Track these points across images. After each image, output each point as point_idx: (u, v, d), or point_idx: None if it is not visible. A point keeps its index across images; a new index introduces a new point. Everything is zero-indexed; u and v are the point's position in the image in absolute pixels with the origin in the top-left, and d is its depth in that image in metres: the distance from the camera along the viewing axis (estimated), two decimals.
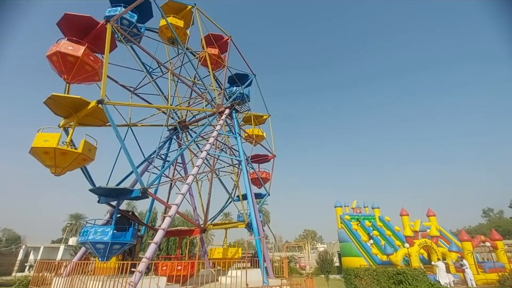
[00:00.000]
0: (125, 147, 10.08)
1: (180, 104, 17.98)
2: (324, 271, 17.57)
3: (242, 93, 17.84)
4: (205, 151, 12.64)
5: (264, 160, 20.86)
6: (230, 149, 17.92)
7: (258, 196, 20.34)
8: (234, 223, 16.81)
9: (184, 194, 10.70)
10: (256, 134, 19.76)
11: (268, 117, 21.06)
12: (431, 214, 25.46)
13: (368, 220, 27.96)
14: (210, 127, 17.11)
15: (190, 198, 17.50)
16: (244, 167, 14.08)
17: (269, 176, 19.43)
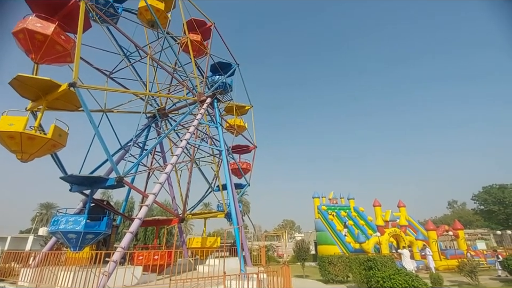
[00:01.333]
0: (99, 134, 9.66)
1: (160, 91, 17.40)
2: (300, 259, 18.17)
3: (225, 82, 17.57)
4: (184, 140, 12.42)
5: (245, 151, 20.88)
6: (211, 139, 17.73)
7: (239, 186, 20.45)
8: (213, 213, 16.86)
9: (163, 183, 10.51)
10: (237, 124, 19.66)
11: (250, 108, 20.98)
12: (402, 205, 26.98)
13: (344, 210, 29.16)
14: (191, 116, 16.79)
15: (168, 188, 17.22)
16: (225, 157, 14.02)
17: (249, 167, 19.52)
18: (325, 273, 14.38)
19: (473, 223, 61.95)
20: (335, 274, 14.10)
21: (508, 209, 50.24)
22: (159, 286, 9.01)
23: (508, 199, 50.37)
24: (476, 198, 57.05)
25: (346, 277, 14.17)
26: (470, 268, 13.16)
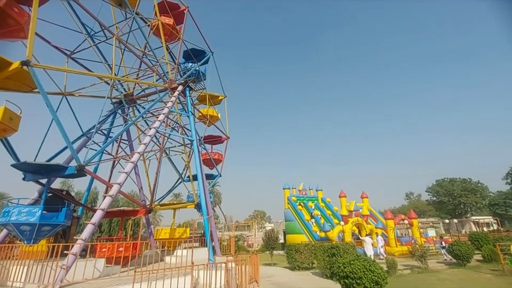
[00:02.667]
0: (57, 118, 8.91)
1: (127, 76, 16.40)
2: (268, 248, 18.68)
3: (198, 70, 17.02)
4: (153, 128, 11.93)
5: (218, 141, 20.64)
6: (182, 128, 17.21)
7: (210, 177, 20.26)
8: (183, 204, 16.55)
9: (128, 173, 10.05)
10: (210, 114, 19.28)
11: (224, 98, 20.66)
12: (364, 196, 28.73)
13: (312, 201, 30.36)
14: (161, 103, 16.11)
15: (135, 178, 16.52)
16: (196, 147, 13.74)
17: (221, 158, 19.37)
18: (291, 260, 14.98)
19: (426, 213, 68.07)
20: (301, 262, 14.75)
21: (455, 200, 55.85)
22: (123, 278, 8.75)
23: (456, 191, 55.91)
24: (429, 190, 62.58)
25: (311, 263, 14.90)
26: (421, 253, 14.50)
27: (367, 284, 6.98)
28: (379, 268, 7.38)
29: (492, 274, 12.02)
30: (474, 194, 55.46)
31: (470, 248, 15.14)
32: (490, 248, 15.13)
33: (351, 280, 7.20)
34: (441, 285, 10.25)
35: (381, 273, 7.21)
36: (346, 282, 7.34)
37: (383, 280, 7.19)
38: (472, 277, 11.79)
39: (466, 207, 56.07)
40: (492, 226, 49.10)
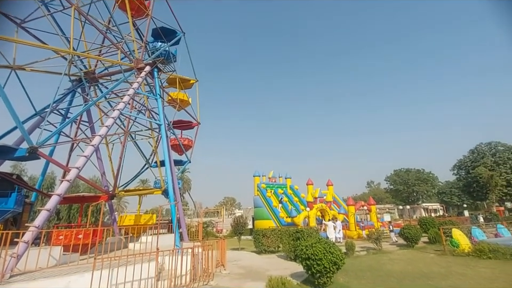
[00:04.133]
0: (3, 94, 8.00)
1: (88, 52, 15.10)
2: (237, 233, 19.02)
3: (168, 51, 16.17)
4: (117, 110, 11.25)
5: (188, 126, 20.13)
6: (149, 111, 16.46)
7: (179, 163, 19.83)
8: (149, 190, 16.09)
9: (88, 156, 9.45)
10: (180, 98, 18.64)
11: (195, 82, 20.03)
12: (330, 184, 30.18)
13: (281, 188, 31.22)
14: (126, 84, 15.20)
15: (97, 162, 15.60)
16: (164, 132, 13.26)
17: (191, 144, 18.98)
18: (258, 245, 15.45)
19: (384, 200, 73.56)
20: (268, 246, 15.28)
21: (409, 188, 61.07)
22: (82, 266, 8.38)
23: (410, 181, 61.07)
24: (388, 179, 67.60)
25: (277, 247, 15.50)
26: (376, 236, 15.77)
27: (326, 264, 7.46)
28: (338, 250, 7.90)
29: (435, 254, 13.51)
30: (426, 183, 61.11)
31: (418, 231, 16.81)
32: (435, 231, 16.90)
33: (312, 261, 7.63)
34: (391, 264, 11.33)
35: (339, 255, 7.75)
36: (307, 263, 7.77)
37: (340, 261, 7.73)
38: (418, 256, 13.16)
39: (418, 194, 61.70)
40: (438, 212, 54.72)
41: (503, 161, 39.71)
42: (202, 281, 8.93)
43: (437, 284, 7.96)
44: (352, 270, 10.20)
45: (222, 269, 10.90)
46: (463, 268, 10.02)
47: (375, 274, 9.47)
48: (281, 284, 5.60)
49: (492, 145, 44.04)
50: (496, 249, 11.57)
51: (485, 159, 41.41)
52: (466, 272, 9.24)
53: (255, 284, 8.41)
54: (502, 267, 9.80)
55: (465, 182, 42.70)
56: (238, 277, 9.84)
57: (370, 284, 8.20)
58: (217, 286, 8.61)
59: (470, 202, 48.57)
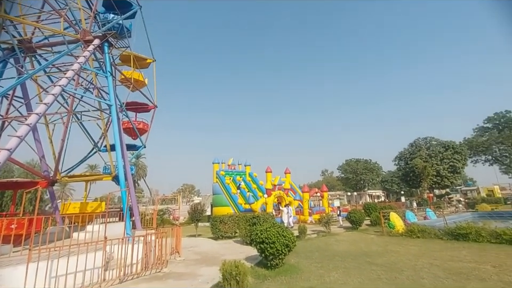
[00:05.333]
0: None
1: (23, 17, 13.01)
2: (194, 220, 18.83)
3: (121, 25, 14.68)
4: (59, 86, 9.99)
5: (143, 109, 18.86)
6: (98, 90, 14.97)
7: (133, 148, 18.64)
8: (97, 176, 14.88)
9: (23, 137, 8.31)
10: (135, 78, 17.28)
11: (153, 62, 18.71)
12: (287, 172, 31.38)
13: (240, 175, 31.53)
14: (71, 57, 13.57)
15: (35, 144, 13.82)
16: (115, 114, 12.20)
17: (147, 128, 17.88)
18: (215, 231, 15.53)
19: (335, 187, 79.26)
20: (225, 231, 15.45)
21: (358, 177, 66.56)
22: (15, 258, 7.53)
23: (359, 170, 66.51)
24: (340, 168, 72.67)
25: (234, 233, 15.77)
26: (326, 220, 17.00)
27: (279, 247, 7.84)
28: (290, 233, 8.35)
29: (375, 235, 15.10)
30: (372, 172, 67.21)
31: (362, 215, 18.57)
32: (377, 215, 18.83)
33: (266, 244, 7.94)
34: (337, 245, 12.39)
35: (291, 238, 8.20)
36: (261, 246, 8.07)
37: (292, 243, 8.20)
38: (361, 237, 14.58)
39: (365, 182, 67.68)
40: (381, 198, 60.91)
41: (435, 154, 45.40)
42: (155, 269, 8.72)
43: (374, 260, 8.94)
44: (302, 251, 10.90)
45: (177, 256, 10.76)
46: (397, 246, 11.38)
47: (323, 254, 10.26)
48: (235, 267, 5.73)
49: (427, 140, 49.91)
50: (423, 230, 13.35)
51: (421, 151, 46.85)
52: (399, 250, 10.52)
53: (210, 269, 8.50)
54: (428, 245, 11.37)
55: (404, 172, 47.94)
56: (193, 262, 9.81)
57: (318, 263, 8.86)
58: (170, 272, 8.49)
59: (406, 189, 54.92)
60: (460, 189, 56.45)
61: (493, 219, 16.28)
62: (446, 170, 43.80)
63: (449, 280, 6.48)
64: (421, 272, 7.26)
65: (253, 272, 7.88)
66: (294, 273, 7.70)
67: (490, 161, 49.74)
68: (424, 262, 8.40)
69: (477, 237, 11.28)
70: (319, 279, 7.13)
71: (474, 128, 53.50)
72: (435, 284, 6.30)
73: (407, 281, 6.57)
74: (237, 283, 5.64)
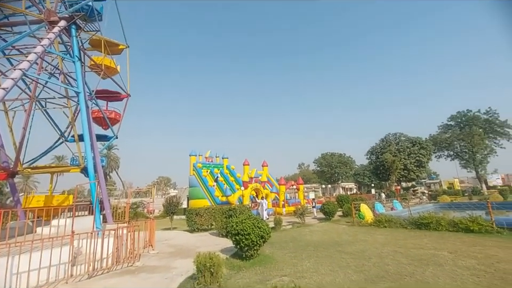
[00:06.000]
0: None
1: None
2: (169, 213, 18.50)
3: (91, 6, 13.70)
4: (19, 70, 9.19)
5: (115, 98, 17.96)
6: (65, 76, 13.98)
7: (103, 138, 17.78)
8: (63, 167, 14.04)
9: None
10: (106, 64, 16.34)
11: (126, 48, 17.78)
12: (265, 165, 31.67)
13: (217, 168, 31.35)
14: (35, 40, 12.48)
15: None
16: (83, 102, 11.48)
17: (119, 117, 17.10)
18: (191, 223, 15.39)
19: (311, 180, 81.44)
20: (201, 224, 15.36)
21: (332, 170, 68.94)
22: None
23: (334, 163, 68.87)
24: (316, 161, 74.74)
25: (210, 225, 15.72)
26: (301, 211, 17.49)
27: (254, 238, 7.96)
28: (265, 225, 8.50)
29: (346, 225, 15.82)
30: (346, 166, 69.95)
31: (335, 206, 19.34)
32: (348, 206, 19.69)
33: (241, 236, 8.03)
34: (311, 235, 12.84)
35: (266, 229, 8.35)
36: (237, 238, 8.14)
37: (267, 235, 8.36)
38: (333, 227, 15.21)
39: (339, 175, 70.34)
40: (353, 190, 63.72)
41: (403, 149, 48.16)
42: (127, 263, 8.49)
43: (344, 249, 9.39)
44: (277, 242, 11.16)
45: (151, 249, 10.55)
46: (366, 235, 12.03)
47: (296, 245, 10.59)
48: (209, 258, 5.73)
49: (396, 136, 52.74)
50: (390, 220, 14.20)
51: (390, 147, 49.44)
52: (367, 239, 11.13)
53: (184, 261, 8.44)
54: (393, 234, 12.13)
55: (375, 166, 50.39)
56: (167, 255, 9.68)
57: (292, 253, 9.14)
58: (143, 266, 8.32)
59: (377, 182, 57.84)
60: (424, 182, 60.61)
61: (451, 209, 17.72)
62: (413, 164, 46.68)
63: (411, 266, 6.97)
64: (386, 259, 7.75)
65: (228, 263, 7.95)
66: (268, 263, 7.88)
67: (451, 156, 53.70)
68: (390, 249, 8.97)
69: (437, 226, 12.20)
70: (292, 268, 7.36)
71: (439, 125, 57.35)
72: (398, 269, 6.75)
73: (374, 268, 6.98)
74: (211, 274, 5.66)
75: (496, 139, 50.74)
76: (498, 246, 8.59)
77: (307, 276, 6.58)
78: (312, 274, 6.65)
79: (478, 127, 49.01)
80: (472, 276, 5.97)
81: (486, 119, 51.11)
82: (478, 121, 50.88)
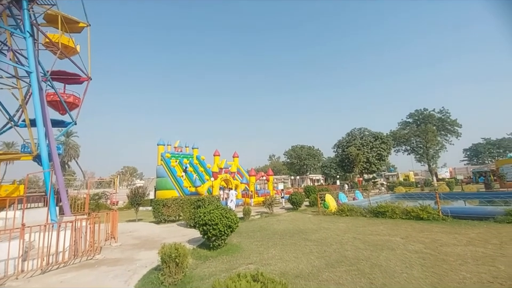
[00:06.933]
0: None
1: None
2: (134, 204, 17.82)
3: None
4: None
5: (74, 80, 16.59)
6: (14, 53, 12.52)
7: (61, 124, 16.46)
8: (12, 154, 12.75)
9: None
10: (64, 43, 14.99)
11: (87, 27, 16.39)
12: (236, 156, 31.71)
13: (187, 158, 30.70)
14: None
15: None
16: (35, 83, 10.39)
17: (78, 102, 15.88)
18: (158, 214, 14.99)
19: (281, 171, 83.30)
20: (168, 215, 15.03)
21: (301, 162, 71.16)
22: None
23: (303, 155, 71.06)
24: (286, 153, 76.51)
25: (178, 216, 15.46)
26: (269, 201, 17.89)
27: (221, 228, 8.00)
28: (233, 215, 8.57)
29: (311, 214, 16.53)
30: (314, 158, 72.56)
31: (302, 197, 20.08)
32: (314, 197, 20.58)
33: (209, 226, 8.02)
34: (278, 224, 13.23)
35: (234, 219, 8.43)
36: (204, 228, 8.12)
37: (234, 224, 8.45)
38: (299, 217, 15.82)
39: (308, 167, 72.84)
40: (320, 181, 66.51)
41: (366, 143, 51.09)
42: (86, 256, 8.07)
43: (308, 237, 9.83)
44: (245, 232, 11.34)
45: (113, 242, 10.12)
46: (329, 223, 12.69)
47: (263, 234, 10.86)
48: (175, 249, 5.65)
49: (361, 130, 55.66)
50: (351, 209, 15.12)
51: (355, 141, 52.11)
52: (330, 227, 11.76)
53: (149, 253, 8.24)
54: (354, 222, 12.94)
55: (341, 158, 52.89)
56: (130, 247, 9.37)
57: (258, 242, 9.36)
58: (104, 259, 7.97)
59: (342, 174, 60.94)
60: (384, 174, 65.27)
61: (406, 199, 19.34)
62: (374, 157, 49.80)
63: (367, 251, 7.53)
64: (346, 246, 8.27)
65: (195, 254, 7.93)
66: (235, 252, 7.99)
67: (408, 151, 58.19)
68: (349, 236, 9.58)
69: (392, 214, 13.25)
70: (258, 256, 7.55)
71: (399, 122, 61.63)
72: (356, 254, 7.26)
73: (334, 254, 7.43)
74: (177, 265, 5.60)
75: (447, 136, 56.00)
76: (442, 232, 9.60)
77: (272, 263, 6.81)
78: (277, 262, 6.89)
79: (432, 125, 53.56)
80: (419, 259, 6.61)
81: (439, 117, 56.00)
82: (432, 119, 55.57)
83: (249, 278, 3.12)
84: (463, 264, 6.05)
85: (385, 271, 5.80)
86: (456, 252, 6.98)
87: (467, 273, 5.44)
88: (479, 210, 12.77)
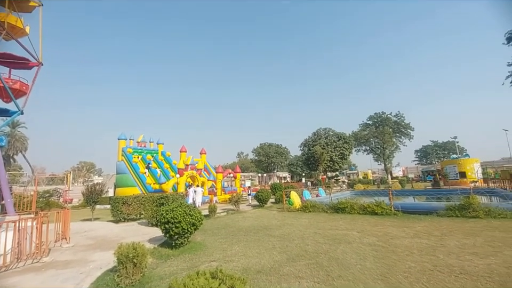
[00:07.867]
0: None
1: None
2: (90, 202, 16.63)
3: None
4: None
5: (22, 65, 14.82)
6: None
7: (4, 113, 14.68)
8: None
9: None
10: (11, 23, 13.32)
11: (39, 6, 14.77)
12: (203, 152, 31.18)
13: (151, 154, 29.43)
14: None
15: None
16: None
17: (25, 89, 14.23)
18: (117, 213, 14.18)
19: (249, 169, 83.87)
20: (128, 213, 14.29)
21: (269, 159, 72.34)
22: None
23: (271, 153, 72.27)
24: (254, 151, 77.12)
25: (139, 214, 14.78)
26: (236, 199, 17.94)
27: (184, 226, 7.82)
28: (197, 212, 8.43)
29: (277, 211, 16.93)
30: (281, 156, 74.26)
31: (268, 194, 20.46)
32: (280, 194, 21.09)
33: (171, 224, 7.79)
34: (243, 221, 13.35)
35: (198, 216, 8.30)
36: (166, 227, 7.87)
37: (198, 222, 8.32)
38: (265, 213, 16.11)
39: (275, 165, 74.36)
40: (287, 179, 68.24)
41: (331, 142, 53.62)
42: (32, 259, 7.36)
43: (272, 233, 10.07)
44: (210, 229, 11.25)
45: (64, 242, 9.37)
46: (292, 219, 13.12)
47: (228, 231, 10.87)
48: (133, 249, 5.40)
49: (326, 130, 58.22)
50: (314, 205, 15.79)
51: (320, 140, 54.40)
52: (293, 223, 12.16)
53: (105, 254, 7.78)
54: (316, 217, 13.53)
55: (307, 157, 54.84)
56: (84, 248, 8.76)
57: (223, 239, 9.35)
58: (53, 261, 7.34)
59: (307, 172, 63.20)
60: (345, 172, 69.04)
61: (363, 196, 20.70)
62: (337, 156, 52.50)
63: (326, 245, 7.94)
64: (307, 240, 8.63)
65: (156, 253, 7.68)
66: (198, 250, 7.90)
67: (367, 151, 62.23)
68: (311, 231, 10.01)
69: (351, 210, 14.12)
70: (222, 253, 7.55)
71: (360, 123, 65.59)
72: (316, 248, 7.62)
73: (295, 248, 7.71)
74: (135, 265, 5.37)
75: (401, 138, 60.95)
76: (393, 225, 10.48)
77: (235, 259, 6.86)
78: (240, 258, 6.96)
79: (389, 127, 57.89)
80: (372, 251, 7.15)
81: (395, 120, 60.71)
82: (389, 122, 60.04)
83: (208, 275, 3.12)
84: (410, 254, 6.68)
85: (342, 264, 6.17)
86: (404, 244, 7.67)
87: (412, 263, 6.02)
88: (425, 205, 14.19)
